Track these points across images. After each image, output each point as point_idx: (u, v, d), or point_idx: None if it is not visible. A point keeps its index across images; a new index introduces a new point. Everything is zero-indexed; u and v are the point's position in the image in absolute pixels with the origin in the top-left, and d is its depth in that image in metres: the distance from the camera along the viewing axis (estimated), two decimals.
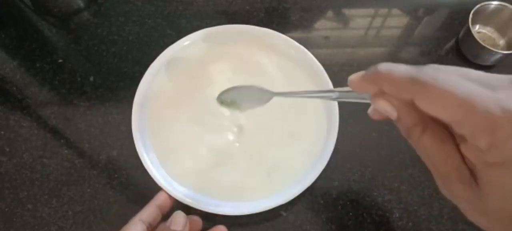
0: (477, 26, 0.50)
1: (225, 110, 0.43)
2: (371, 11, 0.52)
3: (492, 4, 0.46)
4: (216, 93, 0.44)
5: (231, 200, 0.40)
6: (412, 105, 0.21)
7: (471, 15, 0.45)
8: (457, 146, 0.20)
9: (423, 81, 0.19)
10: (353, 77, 0.23)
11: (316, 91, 0.37)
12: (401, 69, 0.20)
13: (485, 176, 0.19)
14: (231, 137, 0.43)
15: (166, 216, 0.41)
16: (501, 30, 0.49)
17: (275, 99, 0.38)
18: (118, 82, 0.47)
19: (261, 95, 0.35)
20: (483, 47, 0.44)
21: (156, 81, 0.44)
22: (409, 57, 0.49)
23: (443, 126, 0.21)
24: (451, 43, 0.50)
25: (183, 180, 0.41)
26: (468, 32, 0.45)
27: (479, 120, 0.18)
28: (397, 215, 0.41)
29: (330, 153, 0.40)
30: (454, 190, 0.21)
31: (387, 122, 0.25)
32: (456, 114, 0.19)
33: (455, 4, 0.53)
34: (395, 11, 0.53)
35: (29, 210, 0.41)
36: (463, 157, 0.20)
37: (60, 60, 0.48)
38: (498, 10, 0.47)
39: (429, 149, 0.21)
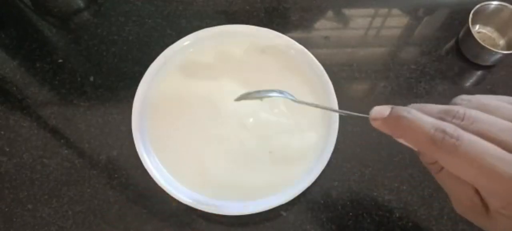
0: (477, 26, 0.50)
1: (225, 110, 0.43)
2: (371, 11, 0.52)
3: (492, 4, 0.46)
4: (216, 93, 0.45)
5: (231, 200, 0.40)
6: None
7: (471, 15, 0.45)
8: None
9: (444, 149, 0.19)
10: (375, 115, 0.23)
11: (335, 109, 0.38)
12: (422, 124, 0.20)
13: (496, 218, 0.20)
14: (231, 136, 0.43)
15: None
16: (501, 30, 0.49)
17: (276, 100, 0.38)
18: (118, 82, 0.47)
19: (276, 97, 0.35)
20: (483, 47, 0.44)
21: (156, 81, 0.44)
22: (409, 57, 0.49)
23: None
24: (451, 43, 0.50)
25: (183, 180, 0.41)
26: (468, 32, 0.45)
27: (497, 187, 0.19)
28: (397, 215, 0.41)
29: (330, 153, 0.40)
30: (468, 215, 0.22)
31: None
32: (476, 180, 0.19)
33: (455, 4, 0.53)
34: (395, 11, 0.53)
35: (29, 210, 0.41)
36: (476, 189, 0.21)
37: (60, 60, 0.48)
38: (498, 10, 0.47)
39: (446, 182, 0.22)
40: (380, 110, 0.23)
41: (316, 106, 0.33)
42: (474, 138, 0.19)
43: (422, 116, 0.21)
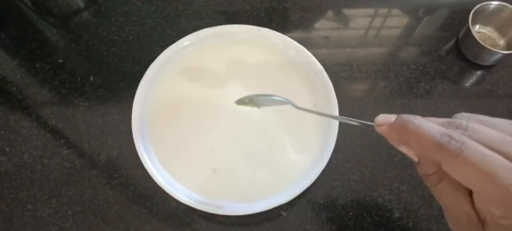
0: (477, 26, 0.50)
1: (225, 110, 0.43)
2: (371, 11, 0.52)
3: (492, 4, 0.46)
4: (216, 93, 0.45)
5: (231, 200, 0.40)
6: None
7: (471, 15, 0.45)
8: (470, 193, 0.22)
9: (450, 152, 0.20)
10: (381, 121, 0.24)
11: (338, 116, 0.38)
12: (429, 129, 0.21)
13: (492, 229, 0.21)
14: (231, 136, 0.43)
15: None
16: (501, 30, 0.49)
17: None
18: (118, 82, 0.47)
19: (279, 102, 0.36)
20: (483, 47, 0.44)
21: (156, 81, 0.44)
22: (409, 57, 0.49)
23: None
24: (451, 43, 0.50)
25: (183, 180, 0.41)
26: (468, 32, 0.45)
27: (497, 194, 0.19)
28: (397, 215, 0.41)
29: (330, 153, 0.40)
30: (463, 228, 0.23)
31: None
32: (478, 186, 0.20)
33: (455, 4, 0.53)
34: (395, 11, 0.53)
35: (29, 210, 0.41)
36: (473, 203, 0.21)
37: (60, 60, 0.48)
38: (498, 10, 0.47)
39: (443, 195, 0.23)
40: (386, 117, 0.24)
41: (319, 114, 0.33)
42: (479, 145, 0.20)
43: (428, 122, 0.22)
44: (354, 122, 0.27)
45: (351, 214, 0.41)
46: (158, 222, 0.41)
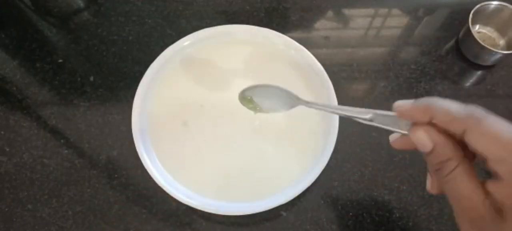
0: (477, 26, 0.50)
1: (225, 110, 0.43)
2: (371, 11, 0.52)
3: (492, 4, 0.46)
4: (215, 93, 0.45)
5: (231, 200, 0.40)
6: (448, 141, 0.23)
7: (471, 15, 0.45)
8: (482, 183, 0.22)
9: (478, 117, 0.21)
10: (401, 103, 0.25)
11: (348, 108, 0.36)
12: (452, 103, 0.22)
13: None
14: (231, 136, 0.43)
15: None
16: (501, 30, 0.49)
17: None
18: (118, 82, 0.47)
19: (284, 100, 0.35)
20: (483, 47, 0.44)
21: (156, 82, 0.44)
22: (409, 57, 0.49)
23: (470, 163, 0.23)
24: (451, 43, 0.50)
25: (183, 180, 0.41)
26: (468, 32, 0.45)
27: None
28: (397, 215, 0.41)
29: (330, 153, 0.40)
30: (477, 223, 0.22)
31: None
32: (501, 153, 0.20)
33: (455, 4, 0.53)
34: (395, 11, 0.53)
35: (29, 210, 0.41)
36: (486, 194, 0.22)
37: (60, 60, 0.48)
38: (498, 10, 0.47)
39: (457, 183, 0.23)
40: (405, 101, 0.25)
41: (327, 110, 0.33)
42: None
43: (450, 101, 0.23)
44: (367, 113, 0.28)
45: (351, 214, 0.41)
46: (158, 222, 0.41)
